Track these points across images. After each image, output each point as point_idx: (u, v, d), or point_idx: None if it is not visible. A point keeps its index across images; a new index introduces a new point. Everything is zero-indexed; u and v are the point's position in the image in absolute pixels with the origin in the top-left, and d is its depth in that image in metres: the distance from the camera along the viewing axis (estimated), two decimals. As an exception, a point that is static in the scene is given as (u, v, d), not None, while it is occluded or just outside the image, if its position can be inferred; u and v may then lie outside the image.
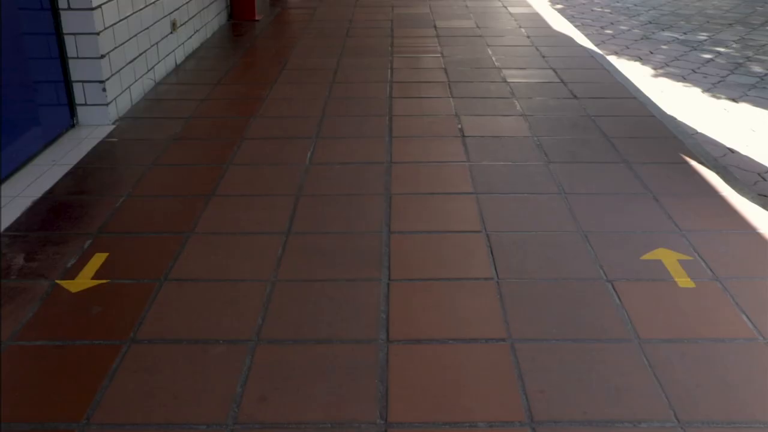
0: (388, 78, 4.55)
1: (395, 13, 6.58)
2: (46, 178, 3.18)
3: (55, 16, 3.56)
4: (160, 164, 3.32)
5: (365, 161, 3.32)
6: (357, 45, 5.40)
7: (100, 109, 3.78)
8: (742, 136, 4.19)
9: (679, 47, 6.26)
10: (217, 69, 4.81)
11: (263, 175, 3.19)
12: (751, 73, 5.44)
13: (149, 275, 2.42)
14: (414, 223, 2.75)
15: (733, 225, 2.76)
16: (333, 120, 3.83)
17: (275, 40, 5.67)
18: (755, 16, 7.55)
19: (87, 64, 3.69)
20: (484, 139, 3.57)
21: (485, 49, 5.28)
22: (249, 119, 3.85)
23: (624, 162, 3.31)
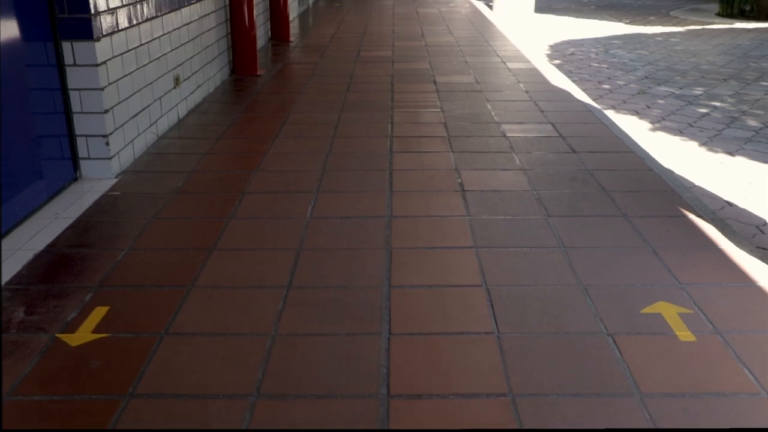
0: (389, 132, 4.61)
1: (395, 69, 6.68)
2: (48, 231, 3.20)
3: (61, 72, 3.63)
4: (162, 218, 3.34)
5: (366, 215, 3.34)
6: (358, 100, 5.48)
7: (102, 163, 3.82)
8: (740, 189, 4.22)
9: (675, 102, 6.35)
10: (219, 123, 4.87)
11: (264, 229, 3.21)
12: (747, 127, 5.51)
13: (150, 329, 2.41)
14: (414, 278, 2.76)
15: (733, 278, 2.77)
16: (334, 174, 3.87)
17: (277, 94, 5.75)
18: (749, 72, 7.67)
19: (91, 118, 3.74)
20: (483, 194, 3.60)
21: (484, 104, 5.36)
22: (250, 173, 3.89)
23: (623, 215, 3.33)
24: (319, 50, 7.78)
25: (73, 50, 3.62)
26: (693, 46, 9.43)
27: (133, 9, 4.08)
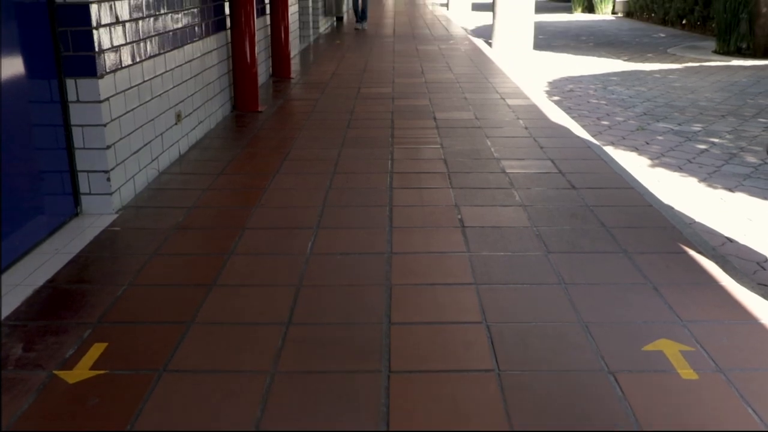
0: (389, 169, 4.63)
1: (395, 105, 6.73)
2: (48, 267, 3.19)
3: (64, 109, 3.66)
4: (162, 253, 3.34)
5: (366, 252, 3.34)
6: (358, 136, 5.51)
7: (103, 199, 3.83)
8: (740, 225, 4.23)
9: (674, 138, 6.38)
10: (220, 159, 4.89)
11: (264, 265, 3.21)
12: (746, 164, 5.54)
13: (148, 366, 2.40)
14: (414, 315, 2.75)
15: (735, 315, 2.76)
16: (334, 210, 3.87)
17: (278, 130, 5.79)
18: (747, 108, 7.72)
19: (93, 154, 3.76)
20: (483, 230, 3.60)
21: (484, 140, 5.39)
22: (251, 209, 3.90)
23: (623, 252, 3.33)
24: (319, 87, 7.84)
25: (77, 87, 3.65)
26: (691, 82, 9.51)
27: (137, 47, 4.13)
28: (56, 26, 3.56)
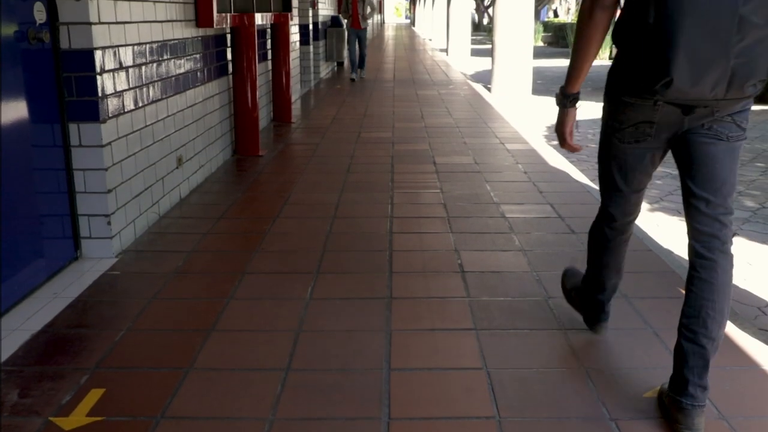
0: (389, 213, 4.64)
1: (395, 150, 6.78)
2: (46, 311, 3.18)
3: (66, 153, 3.68)
4: (162, 298, 3.33)
5: (366, 296, 3.33)
6: (358, 180, 5.54)
7: (103, 243, 3.83)
8: (740, 269, 4.22)
9: (672, 182, 6.41)
10: (220, 203, 4.91)
11: (264, 309, 3.20)
12: (744, 208, 5.55)
13: (146, 412, 2.38)
14: (414, 360, 2.74)
15: (736, 361, 2.74)
16: (334, 255, 3.88)
17: (278, 175, 5.82)
18: (743, 153, 7.77)
19: (94, 198, 3.77)
20: (483, 275, 3.60)
21: (483, 184, 5.41)
22: (251, 253, 3.90)
23: (623, 296, 3.32)
24: (320, 131, 7.91)
25: (80, 131, 3.69)
26: (688, 127, 9.58)
27: (139, 91, 4.17)
28: (61, 71, 3.61)
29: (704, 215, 2.26)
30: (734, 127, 2.23)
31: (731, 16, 1.99)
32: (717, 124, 2.22)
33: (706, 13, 1.99)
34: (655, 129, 2.29)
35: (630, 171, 2.44)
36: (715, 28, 2.00)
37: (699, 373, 2.25)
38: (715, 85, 2.06)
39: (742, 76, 2.06)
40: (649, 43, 2.07)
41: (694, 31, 2.01)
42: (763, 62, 2.07)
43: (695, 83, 2.06)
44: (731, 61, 2.03)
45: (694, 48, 2.02)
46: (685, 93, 2.09)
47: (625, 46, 2.20)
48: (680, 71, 2.04)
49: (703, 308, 2.24)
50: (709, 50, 2.02)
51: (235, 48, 6.26)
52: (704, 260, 2.25)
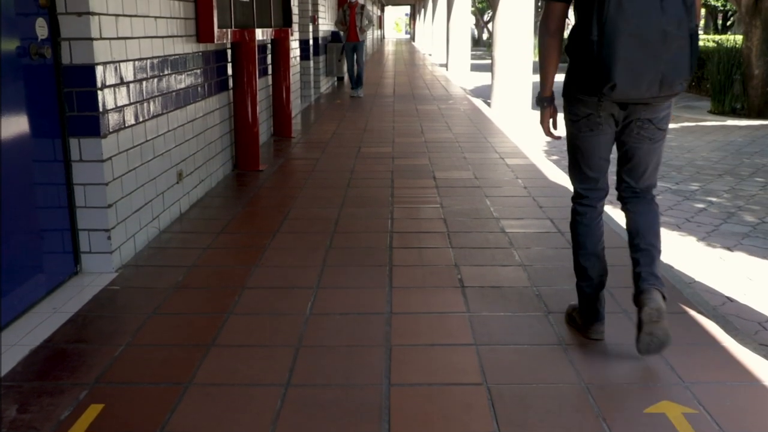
0: (389, 228, 4.64)
1: (395, 165, 6.79)
2: (45, 326, 3.18)
3: (66, 168, 3.69)
4: (161, 313, 3.33)
5: (366, 312, 3.33)
6: (358, 195, 5.54)
7: (103, 257, 3.83)
8: (740, 284, 4.22)
9: (672, 197, 6.42)
10: (220, 218, 4.91)
11: (263, 325, 3.20)
12: (744, 223, 5.56)
13: (145, 428, 2.37)
14: (414, 376, 2.73)
15: (737, 377, 2.74)
16: (334, 270, 3.87)
17: (278, 189, 5.82)
18: (743, 168, 7.79)
19: (94, 213, 3.78)
20: (483, 290, 3.60)
21: (483, 199, 5.42)
22: (251, 268, 3.90)
23: (623, 312, 3.32)
24: (320, 146, 7.92)
25: (80, 146, 3.70)
26: (687, 142, 9.61)
27: (140, 107, 4.19)
28: (62, 87, 3.62)
29: (629, 189, 2.98)
30: (657, 131, 2.84)
31: (657, 31, 2.54)
32: (644, 130, 2.82)
33: (638, 30, 2.53)
34: (603, 120, 2.83)
35: (590, 157, 2.95)
36: (645, 41, 2.54)
37: (649, 264, 2.85)
38: (649, 86, 2.60)
39: (670, 77, 2.59)
40: (595, 56, 2.59)
41: (629, 45, 2.54)
42: (686, 64, 2.60)
43: (634, 86, 2.59)
44: (661, 67, 2.57)
45: (631, 58, 2.55)
46: (627, 94, 2.62)
47: (576, 57, 2.73)
48: (621, 77, 2.57)
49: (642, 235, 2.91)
50: (643, 60, 2.55)
51: (235, 63, 6.29)
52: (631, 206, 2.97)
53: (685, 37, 2.58)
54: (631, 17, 2.53)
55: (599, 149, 2.92)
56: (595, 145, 2.91)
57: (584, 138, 2.92)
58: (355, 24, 13.07)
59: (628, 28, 2.53)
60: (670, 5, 2.55)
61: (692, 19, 2.60)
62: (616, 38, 2.54)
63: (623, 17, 2.53)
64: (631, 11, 2.53)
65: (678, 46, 2.57)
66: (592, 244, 3.02)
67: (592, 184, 3.01)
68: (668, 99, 2.73)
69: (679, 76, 2.61)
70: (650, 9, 2.54)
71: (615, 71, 2.56)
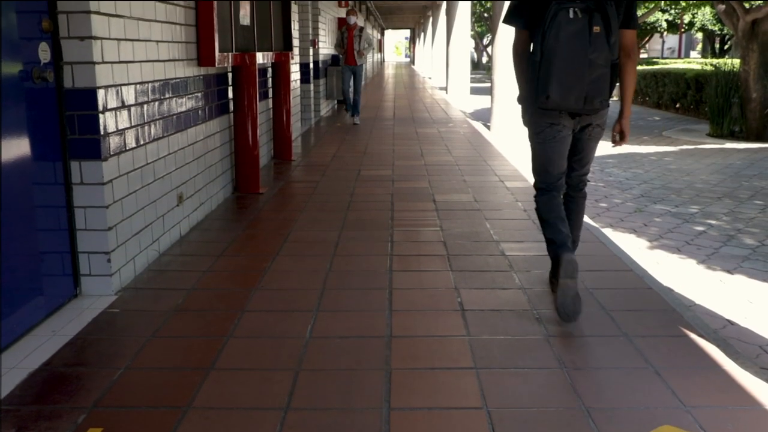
0: (389, 251, 4.64)
1: (395, 187, 6.81)
2: (44, 349, 3.17)
3: (67, 190, 3.70)
4: (161, 336, 3.32)
5: (366, 335, 3.32)
6: (358, 218, 5.55)
7: (103, 280, 3.83)
8: (740, 307, 4.21)
9: (672, 220, 6.43)
10: (220, 241, 4.92)
11: (263, 348, 3.19)
12: (744, 245, 5.56)
13: (143, 453, 2.35)
14: (414, 400, 2.72)
15: (738, 400, 2.72)
16: (334, 293, 3.87)
17: (278, 212, 5.83)
18: (742, 190, 7.81)
19: (94, 235, 3.78)
20: (483, 313, 3.59)
21: (483, 222, 5.42)
22: (250, 291, 3.89)
23: (624, 335, 3.31)
24: (320, 169, 7.94)
25: (81, 169, 3.71)
26: (686, 165, 9.64)
27: (141, 130, 4.20)
28: (63, 110, 3.64)
29: (574, 178, 3.76)
30: (601, 131, 3.63)
31: (584, 60, 3.22)
32: (594, 133, 3.60)
33: (569, 58, 3.23)
34: (560, 126, 3.49)
35: (553, 156, 3.59)
36: (574, 67, 3.24)
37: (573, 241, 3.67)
38: (576, 100, 3.29)
39: (592, 96, 3.29)
40: (537, 73, 3.31)
41: (562, 68, 3.24)
42: (605, 88, 3.31)
43: (563, 99, 3.29)
44: (585, 87, 3.26)
45: (562, 78, 3.25)
46: (558, 104, 3.31)
47: (530, 74, 3.43)
48: (554, 91, 3.27)
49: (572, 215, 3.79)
50: (571, 80, 3.25)
51: (236, 86, 6.32)
52: (573, 195, 3.81)
53: (607, 67, 3.27)
54: (565, 46, 3.21)
55: (560, 153, 3.59)
56: (556, 150, 3.57)
57: (546, 143, 3.56)
58: (353, 47, 12.52)
59: (561, 55, 3.22)
60: (597, 41, 3.21)
61: (614, 53, 3.28)
62: (552, 61, 3.23)
63: (559, 46, 3.22)
64: (565, 42, 3.21)
65: (599, 73, 3.26)
66: (556, 215, 3.61)
67: (550, 178, 3.66)
68: (601, 110, 3.42)
69: (599, 96, 3.30)
70: (581, 42, 3.21)
71: (549, 86, 3.26)
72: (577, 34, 3.20)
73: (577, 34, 3.20)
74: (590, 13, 3.21)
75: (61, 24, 3.57)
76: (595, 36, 3.20)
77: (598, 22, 3.22)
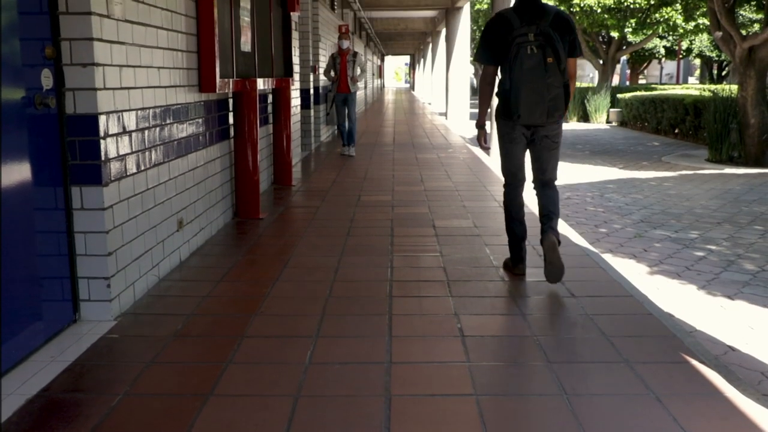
0: (388, 277, 4.64)
1: (395, 213, 6.81)
2: (42, 375, 3.15)
3: (68, 216, 3.71)
4: (160, 362, 3.31)
5: (365, 361, 3.31)
6: (358, 244, 5.55)
7: (103, 305, 3.82)
8: (741, 333, 4.20)
9: (671, 245, 6.43)
10: (220, 266, 4.91)
11: (262, 374, 3.17)
12: (744, 271, 5.56)
13: (141, 481, 2.33)
14: (414, 427, 2.70)
15: (741, 428, 2.71)
16: (333, 319, 3.86)
17: (278, 238, 5.83)
18: (742, 216, 7.82)
19: (94, 261, 3.78)
20: (483, 339, 3.58)
21: (483, 248, 5.42)
22: (250, 317, 3.89)
23: (624, 361, 3.30)
24: (320, 194, 7.96)
25: (82, 195, 3.72)
26: (686, 190, 9.66)
27: (142, 155, 4.22)
28: (65, 135, 3.66)
29: (539, 181, 4.60)
30: (552, 143, 4.45)
31: (543, 84, 4.15)
32: (544, 141, 4.42)
33: (532, 83, 4.15)
34: (520, 136, 4.43)
35: (515, 158, 4.53)
36: (536, 90, 4.16)
37: (548, 222, 4.49)
38: (540, 115, 4.23)
39: (552, 111, 4.23)
40: (509, 98, 4.23)
41: (527, 92, 4.16)
42: (561, 104, 4.24)
43: (531, 116, 4.22)
44: (546, 105, 4.19)
45: (528, 100, 4.18)
46: (527, 120, 4.25)
47: (500, 98, 4.34)
48: (523, 111, 4.20)
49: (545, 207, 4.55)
50: (535, 101, 4.18)
51: (237, 112, 6.36)
52: (543, 192, 4.59)
53: (560, 88, 4.20)
54: (528, 76, 4.14)
55: (518, 153, 4.51)
56: (517, 153, 4.51)
57: (508, 147, 4.51)
58: (347, 73, 11.65)
59: (526, 83, 4.15)
60: (551, 70, 4.14)
61: (564, 77, 4.21)
62: (520, 88, 4.16)
63: (523, 76, 4.14)
64: (528, 73, 4.14)
65: (556, 93, 4.19)
66: (515, 212, 4.67)
67: (514, 177, 4.61)
68: (555, 123, 4.36)
69: (557, 111, 4.25)
70: (539, 72, 4.14)
71: (519, 107, 4.20)
72: (536, 66, 4.13)
73: (536, 66, 4.13)
74: (544, 48, 4.14)
75: (63, 51, 3.60)
76: (550, 65, 4.14)
77: (551, 54, 4.14)
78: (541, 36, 4.14)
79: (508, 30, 4.23)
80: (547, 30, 4.15)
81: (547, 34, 4.14)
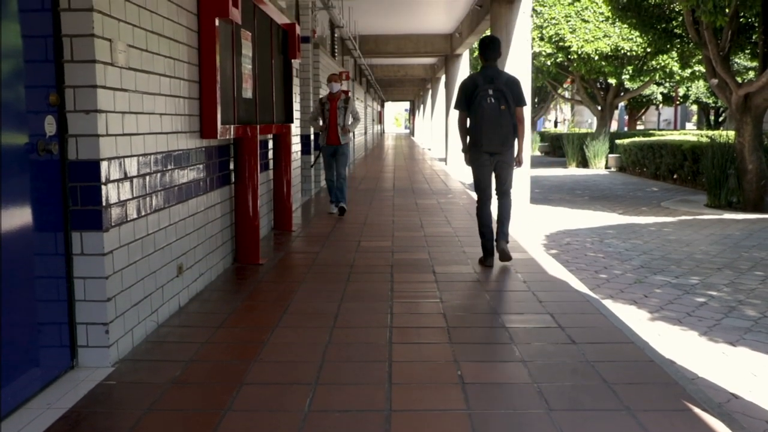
0: (388, 323, 4.62)
1: (395, 259, 6.81)
2: (38, 423, 3.12)
3: (68, 261, 3.71)
4: (158, 409, 3.27)
5: (365, 409, 3.28)
6: (358, 289, 5.54)
7: (101, 351, 3.80)
8: (744, 380, 4.17)
9: (672, 291, 6.42)
10: (219, 312, 4.89)
11: (261, 422, 3.14)
12: (745, 317, 5.53)
13: None
14: (414, 475, 2.66)
15: (745, 478, 2.67)
16: (333, 366, 3.83)
17: (278, 283, 5.82)
18: (742, 261, 7.81)
19: (93, 306, 3.77)
20: (484, 386, 3.55)
21: (483, 294, 5.41)
22: (249, 363, 3.86)
23: (626, 409, 3.27)
24: (320, 240, 7.97)
25: (82, 240, 3.72)
26: (686, 235, 9.67)
27: (143, 201, 4.24)
28: (67, 181, 3.68)
29: (498, 190, 6.44)
30: (507, 164, 6.35)
31: (498, 124, 6.12)
32: (502, 163, 6.32)
33: (490, 124, 6.12)
34: (486, 160, 6.28)
35: (484, 179, 6.38)
36: (493, 125, 6.12)
37: (501, 227, 6.39)
38: (498, 145, 6.18)
39: (504, 141, 6.19)
40: (475, 134, 6.21)
41: (487, 127, 6.13)
42: (511, 138, 6.22)
43: (490, 145, 6.18)
44: (500, 138, 6.15)
45: (488, 135, 6.15)
46: (488, 147, 6.20)
47: (470, 134, 6.30)
48: (485, 142, 6.18)
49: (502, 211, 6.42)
50: (493, 135, 6.15)
51: (237, 158, 6.40)
52: (501, 201, 6.40)
53: (510, 126, 6.15)
54: (488, 118, 6.10)
55: (486, 175, 6.37)
56: (486, 174, 6.37)
57: (479, 170, 6.36)
58: (337, 122, 9.91)
59: (486, 123, 6.11)
60: (503, 113, 6.11)
61: (513, 120, 6.16)
62: (482, 127, 6.13)
63: (484, 118, 6.11)
64: (488, 116, 6.09)
65: (507, 131, 6.14)
66: (486, 220, 6.42)
67: (483, 193, 6.40)
68: (508, 150, 6.27)
69: (508, 142, 6.21)
70: (495, 114, 6.09)
71: (482, 140, 6.15)
72: (493, 110, 6.09)
73: (493, 110, 6.09)
74: (498, 99, 6.09)
75: (67, 98, 3.65)
76: (503, 111, 6.10)
77: (504, 102, 6.09)
78: (497, 91, 6.09)
79: (475, 87, 6.20)
80: (501, 87, 6.12)
81: (500, 90, 6.10)
